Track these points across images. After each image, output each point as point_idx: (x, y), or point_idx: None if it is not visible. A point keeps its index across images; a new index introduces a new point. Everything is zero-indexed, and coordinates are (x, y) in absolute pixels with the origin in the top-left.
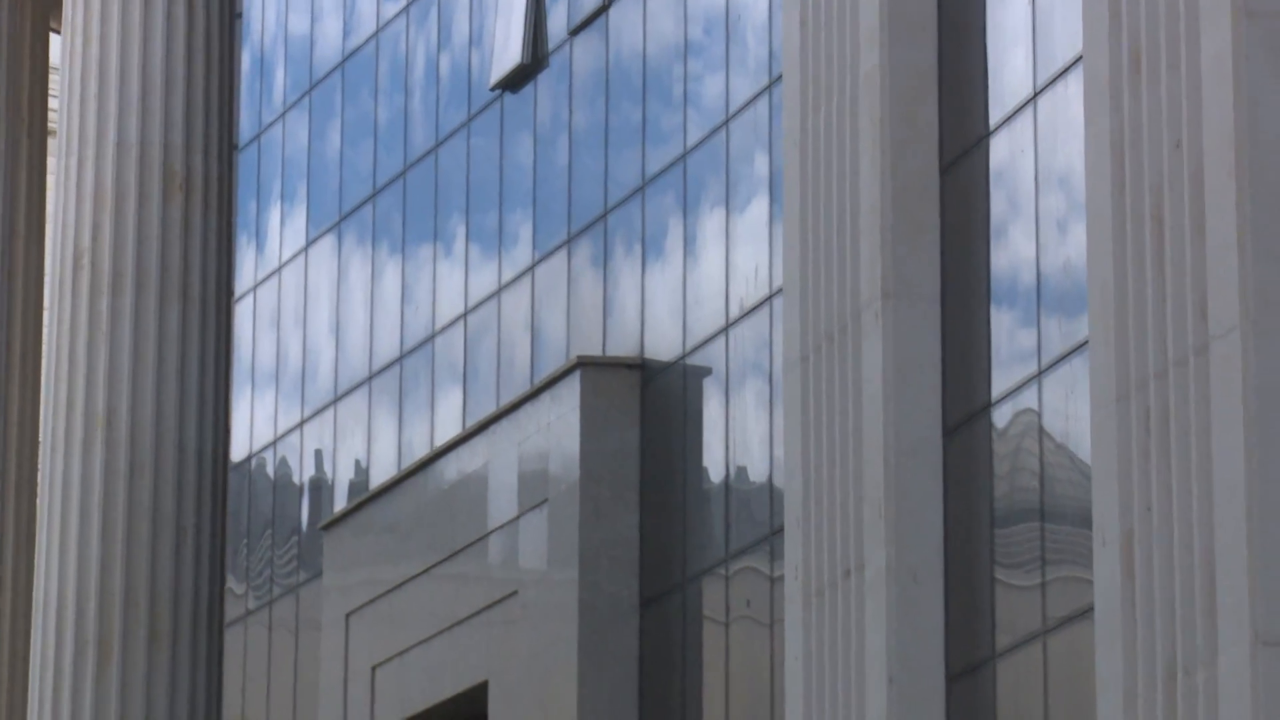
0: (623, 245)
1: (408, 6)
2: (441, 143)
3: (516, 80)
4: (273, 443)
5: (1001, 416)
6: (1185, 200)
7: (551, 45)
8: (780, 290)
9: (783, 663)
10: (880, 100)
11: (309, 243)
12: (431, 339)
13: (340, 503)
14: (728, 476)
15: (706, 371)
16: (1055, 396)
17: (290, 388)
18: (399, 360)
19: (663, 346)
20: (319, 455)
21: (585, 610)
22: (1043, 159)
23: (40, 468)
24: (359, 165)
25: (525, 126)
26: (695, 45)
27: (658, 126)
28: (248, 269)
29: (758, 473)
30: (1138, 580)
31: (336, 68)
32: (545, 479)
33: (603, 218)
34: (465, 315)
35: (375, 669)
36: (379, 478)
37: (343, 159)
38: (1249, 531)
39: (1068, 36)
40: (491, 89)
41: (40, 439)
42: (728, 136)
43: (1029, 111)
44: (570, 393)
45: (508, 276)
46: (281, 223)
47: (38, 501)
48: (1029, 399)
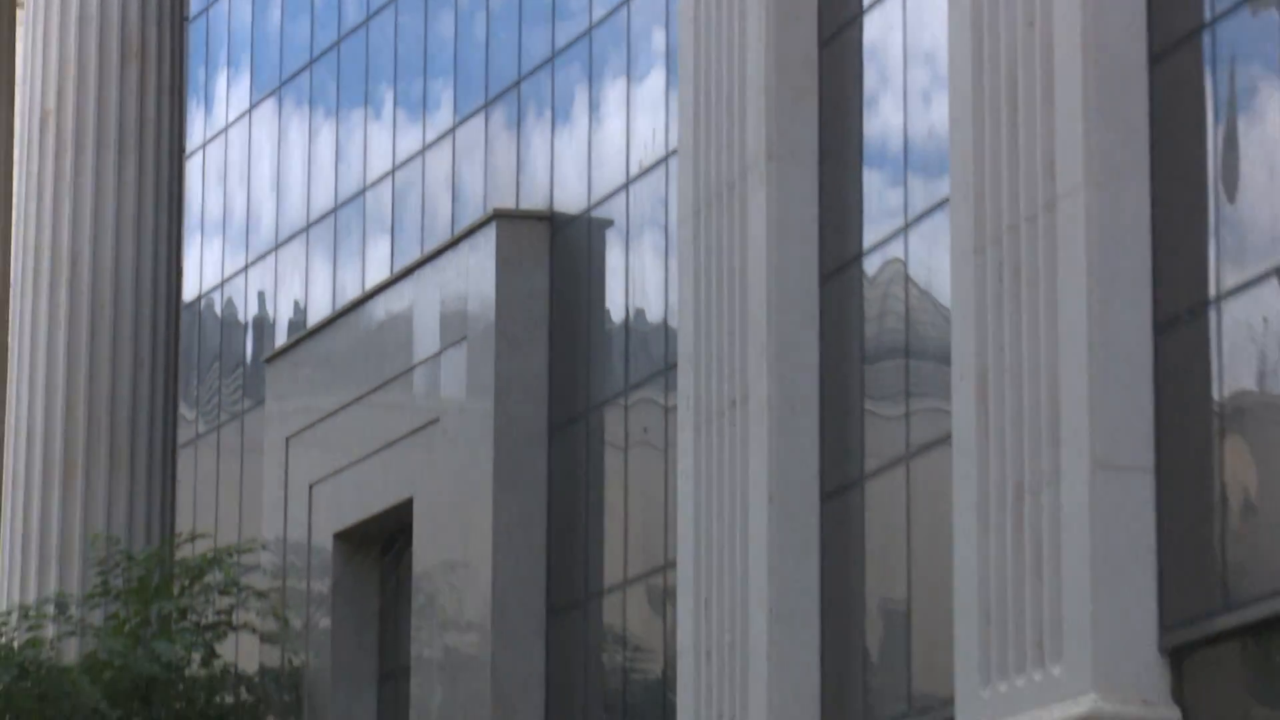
0: (534, 110)
1: None
2: (372, 16)
3: None
4: (220, 285)
5: (871, 265)
6: (1036, 73)
7: None
8: (675, 151)
9: (675, 483)
10: None
11: (252, 106)
12: (362, 193)
13: (281, 338)
14: (627, 317)
15: (609, 223)
16: (919, 248)
17: (236, 236)
18: (333, 211)
19: (570, 201)
20: (262, 296)
21: (500, 436)
22: (911, 36)
23: (11, 306)
24: (297, 37)
25: (447, 3)
26: None
27: (566, 4)
28: (197, 129)
29: (654, 314)
30: (990, 411)
31: None
32: (464, 318)
33: (516, 85)
34: (393, 172)
35: (312, 487)
36: (316, 316)
37: (283, 31)
38: (1089, 369)
39: None
40: None
41: (11, 280)
42: (629, 14)
43: None
44: (487, 241)
45: (431, 137)
46: (228, 88)
47: (9, 336)
48: (896, 250)
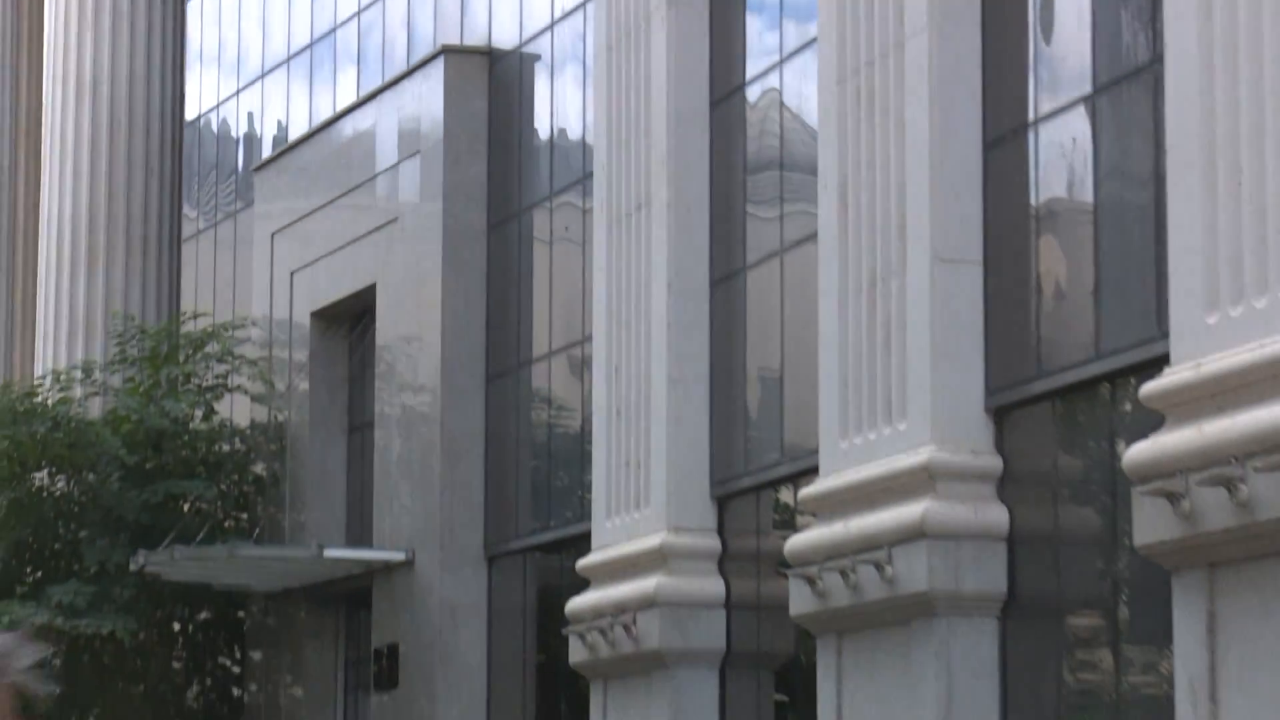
0: None
1: None
2: None
3: None
4: (216, 106)
5: (753, 94)
6: None
7: None
8: None
9: (591, 272)
10: None
11: None
12: (334, 30)
13: (267, 151)
14: (552, 135)
15: (537, 57)
16: (792, 80)
17: (229, 65)
18: (310, 46)
19: (506, 38)
20: (251, 116)
21: (447, 232)
22: None
23: (45, 120)
24: None
25: None
26: None
27: None
28: None
29: (574, 133)
30: (849, 214)
31: None
32: (418, 136)
33: None
34: (359, 13)
35: (293, 274)
36: (296, 132)
37: None
38: (930, 180)
39: None
40: None
41: (44, 99)
42: None
43: None
44: (436, 72)
45: None
46: None
47: (43, 146)
48: (773, 81)
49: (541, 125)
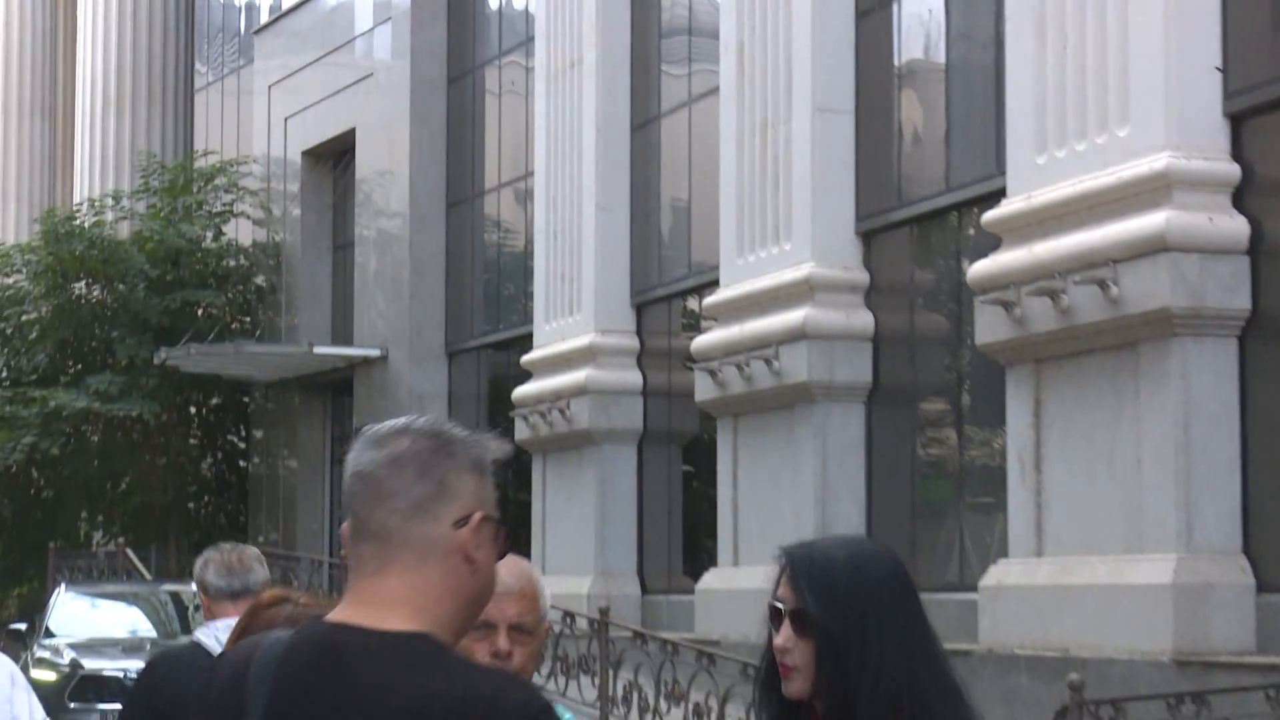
0: None
1: None
2: None
3: None
4: None
5: None
6: None
7: None
8: None
9: (534, 119)
10: None
11: None
12: None
13: (266, 16)
14: (501, 2)
15: None
16: None
17: None
18: None
19: None
20: None
21: (414, 86)
22: None
23: None
24: None
25: None
26: None
27: None
28: None
29: (519, 1)
30: (745, 72)
31: None
32: (390, 4)
33: None
34: None
35: (287, 119)
36: (290, 2)
37: None
38: (811, 43)
39: None
40: None
41: None
42: None
43: None
44: None
45: None
46: None
47: (78, 10)
48: None
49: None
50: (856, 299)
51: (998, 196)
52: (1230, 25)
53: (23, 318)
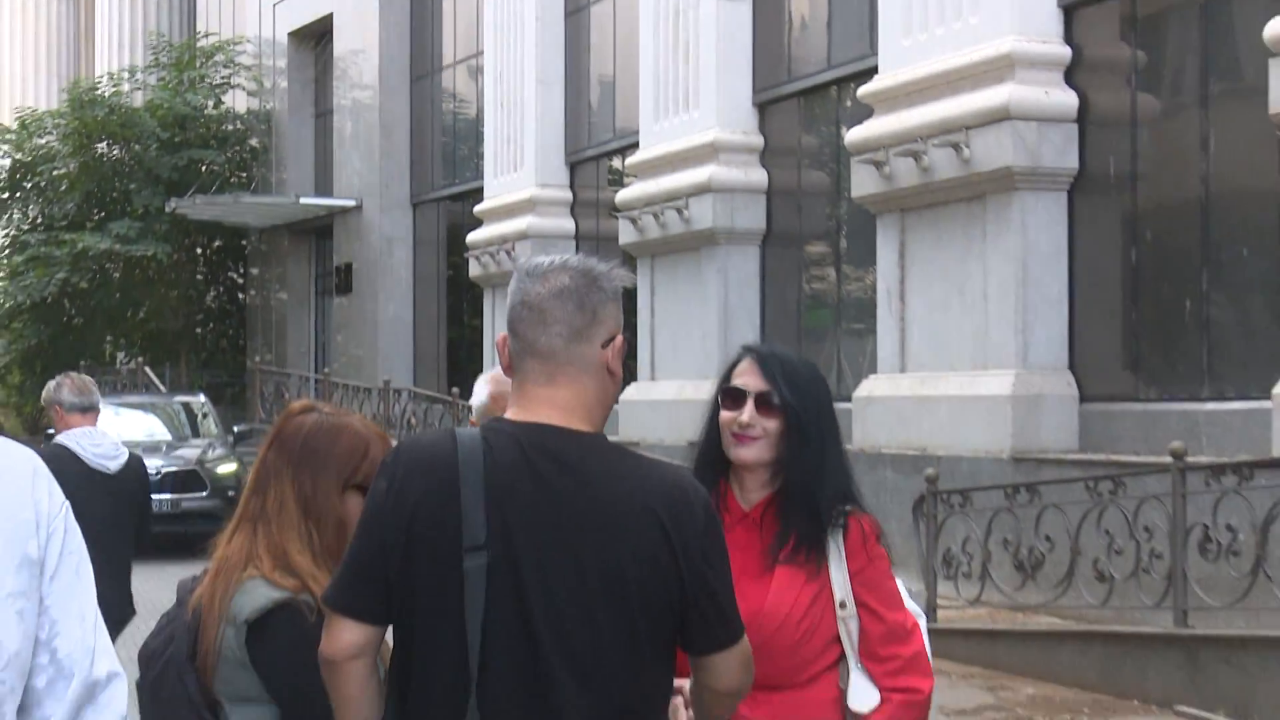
0: None
1: None
2: None
3: None
4: None
5: None
6: None
7: None
8: None
9: (484, 9)
10: None
11: None
12: None
13: None
14: None
15: None
16: None
17: None
18: None
19: None
20: None
21: None
22: None
23: None
24: None
25: None
26: None
27: None
28: None
29: None
30: None
31: None
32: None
33: None
34: None
35: (275, 6)
36: None
37: None
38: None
39: None
40: None
41: None
42: None
43: None
44: None
45: None
46: None
47: None
48: None
49: None
50: (753, 159)
51: (871, 73)
52: None
53: (54, 173)
